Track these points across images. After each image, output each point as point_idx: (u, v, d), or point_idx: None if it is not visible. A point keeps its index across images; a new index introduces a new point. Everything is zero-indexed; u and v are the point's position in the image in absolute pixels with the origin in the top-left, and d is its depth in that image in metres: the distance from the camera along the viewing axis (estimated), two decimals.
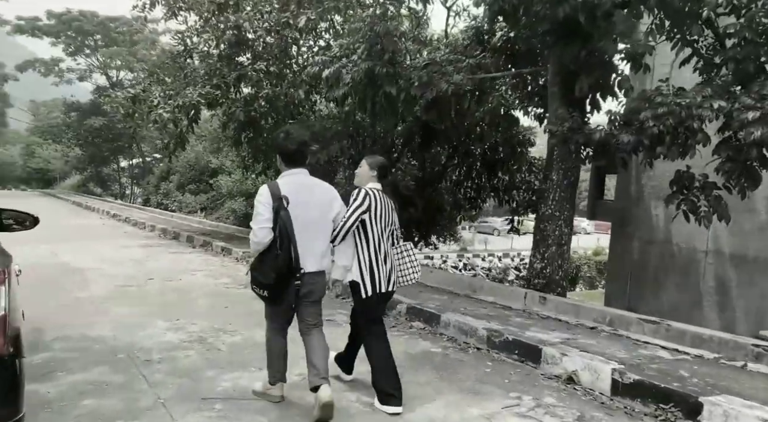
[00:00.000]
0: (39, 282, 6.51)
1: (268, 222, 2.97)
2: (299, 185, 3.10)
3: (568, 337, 4.49)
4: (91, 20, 34.21)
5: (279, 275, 2.96)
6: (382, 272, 3.24)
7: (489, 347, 4.48)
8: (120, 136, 35.78)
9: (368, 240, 3.22)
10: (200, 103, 10.11)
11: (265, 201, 3.01)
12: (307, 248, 3.03)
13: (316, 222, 3.10)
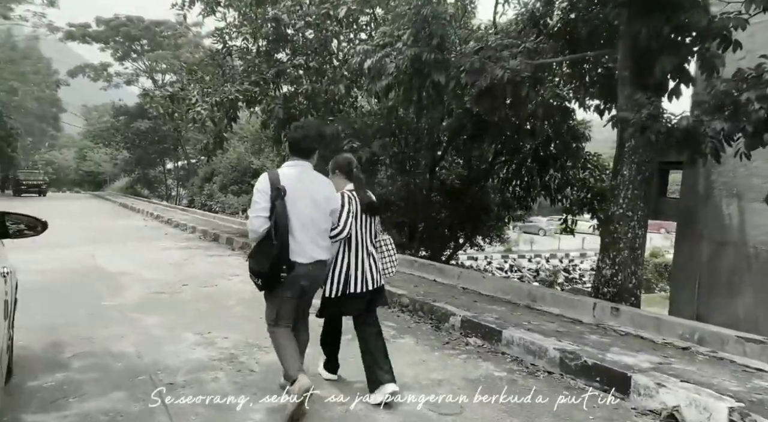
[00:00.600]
0: (71, 287, 6.23)
1: (264, 211, 2.95)
2: (299, 176, 3.08)
3: (659, 361, 3.76)
4: (138, 25, 34.93)
5: (272, 265, 2.94)
6: (359, 273, 3.28)
7: (563, 371, 3.81)
8: (165, 138, 36.45)
9: (350, 242, 3.28)
10: (238, 99, 9.77)
11: (263, 189, 3.00)
12: (304, 239, 3.03)
13: (312, 214, 3.07)
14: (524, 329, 4.49)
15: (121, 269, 7.55)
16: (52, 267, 7.49)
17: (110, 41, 35.46)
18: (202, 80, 10.62)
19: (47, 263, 7.81)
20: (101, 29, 35.17)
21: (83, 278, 6.87)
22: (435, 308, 5.22)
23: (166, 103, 10.84)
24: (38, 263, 7.76)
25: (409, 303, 5.56)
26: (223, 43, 11.13)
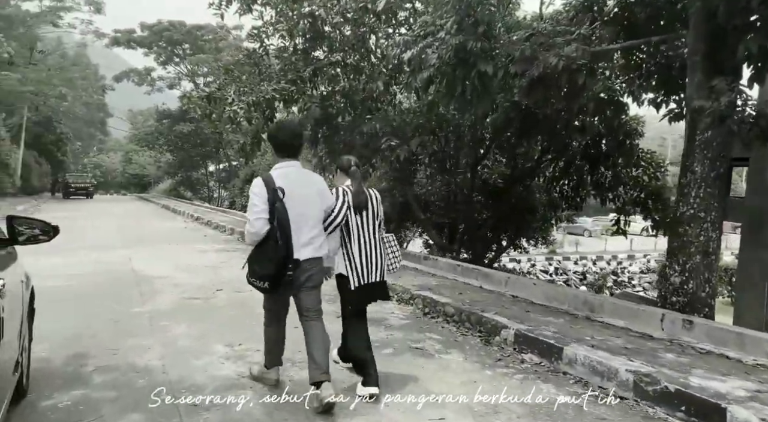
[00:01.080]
0: (103, 292, 6.05)
1: (264, 213, 3.01)
2: (292, 176, 3.16)
3: (756, 389, 3.20)
4: (180, 29, 35.58)
5: (278, 266, 3.00)
6: (365, 264, 3.40)
7: (638, 397, 3.30)
8: (207, 141, 37.02)
9: (350, 235, 3.39)
10: (275, 98, 9.52)
11: (260, 192, 3.05)
12: (302, 237, 3.10)
13: (309, 212, 3.16)
14: (587, 345, 3.98)
15: (157, 272, 7.38)
16: (87, 271, 7.39)
17: (153, 46, 36.26)
18: (239, 79, 10.43)
19: (83, 266, 7.73)
20: (145, 34, 35.99)
21: (117, 282, 6.71)
22: (484, 319, 4.75)
23: (204, 103, 10.72)
24: (74, 266, 7.69)
25: (455, 313, 5.11)
26: (260, 42, 10.93)
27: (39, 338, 4.06)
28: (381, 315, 5.32)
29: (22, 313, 2.81)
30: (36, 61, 29.76)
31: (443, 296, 5.56)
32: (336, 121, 10.54)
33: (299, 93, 10.31)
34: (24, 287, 2.94)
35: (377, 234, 3.50)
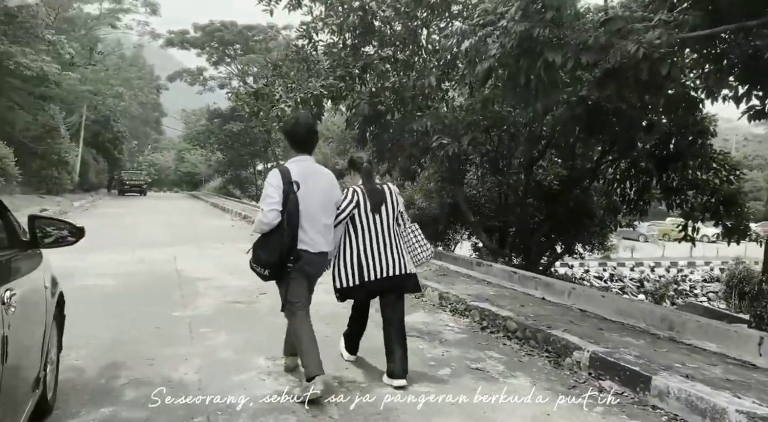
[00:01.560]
0: (145, 294, 5.86)
1: (278, 205, 3.10)
2: (307, 171, 3.27)
3: None
4: (231, 30, 36.14)
5: (281, 254, 3.12)
6: (371, 263, 3.42)
7: None
8: (256, 140, 37.52)
9: (356, 234, 3.45)
10: (323, 95, 9.21)
11: (276, 184, 3.15)
12: (313, 230, 3.20)
13: (320, 205, 3.26)
14: (680, 375, 3.41)
15: (200, 273, 7.19)
16: (131, 270, 7.27)
17: (206, 46, 36.99)
18: (287, 76, 10.20)
19: (127, 265, 7.63)
20: (198, 35, 36.76)
21: (159, 283, 6.54)
22: (552, 337, 4.23)
23: (251, 100, 10.55)
24: (118, 265, 7.60)
25: (518, 329, 4.61)
26: (308, 37, 10.67)
27: (75, 344, 3.85)
28: (435, 327, 4.88)
29: (45, 325, 2.53)
30: (95, 62, 30.84)
31: (503, 308, 5.06)
32: (385, 118, 10.15)
33: (348, 89, 9.97)
34: (49, 294, 2.67)
35: (393, 229, 3.54)
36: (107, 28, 32.80)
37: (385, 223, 3.50)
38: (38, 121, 24.57)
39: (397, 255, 3.50)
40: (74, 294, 5.76)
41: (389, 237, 3.50)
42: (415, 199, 16.13)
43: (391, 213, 3.54)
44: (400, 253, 3.52)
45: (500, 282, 6.71)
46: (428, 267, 7.63)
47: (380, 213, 3.48)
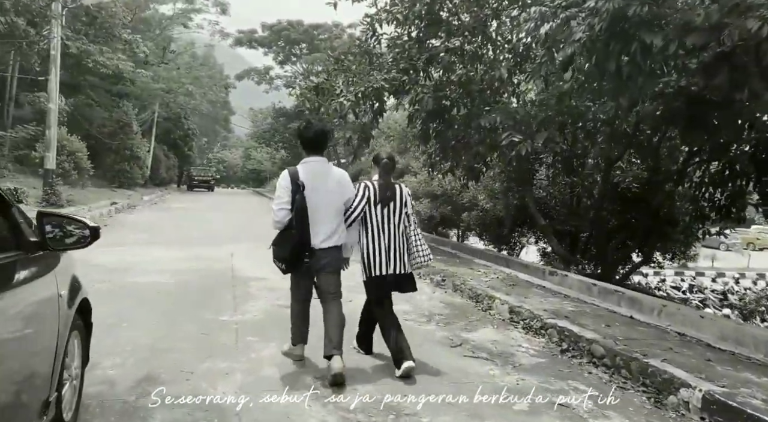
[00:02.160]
0: (195, 294, 5.59)
1: (287, 204, 3.37)
2: (315, 171, 3.46)
3: None
4: (298, 29, 36.54)
5: (293, 250, 3.37)
6: (379, 257, 3.56)
7: None
8: None
9: (367, 229, 3.60)
10: (384, 89, 8.77)
11: (285, 185, 3.41)
12: (320, 227, 3.41)
13: (328, 204, 3.45)
14: None
15: (255, 273, 6.90)
16: (185, 267, 7.10)
17: (273, 46, 37.61)
18: (348, 70, 9.83)
19: (183, 261, 7.48)
20: (265, 34, 37.43)
21: (212, 281, 6.29)
22: (650, 369, 3.54)
23: (312, 95, 10.26)
24: (175, 261, 7.46)
25: (605, 355, 3.94)
26: (371, 30, 10.25)
27: (113, 350, 3.58)
28: (506, 348, 4.28)
29: (58, 339, 2.18)
30: (168, 61, 31.98)
31: (586, 328, 4.39)
32: (450, 113, 9.57)
33: (411, 83, 9.48)
34: (65, 303, 2.32)
35: (400, 228, 3.64)
36: (180, 27, 33.93)
37: (393, 221, 3.62)
38: (113, 117, 25.63)
39: (400, 254, 3.63)
40: (125, 292, 5.66)
41: (395, 235, 3.62)
42: (478, 200, 15.41)
43: (399, 211, 3.64)
44: (402, 253, 3.65)
45: (579, 296, 5.99)
46: (495, 275, 7.01)
47: (388, 209, 3.61)
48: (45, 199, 13.70)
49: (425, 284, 6.80)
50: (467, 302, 5.86)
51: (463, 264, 8.05)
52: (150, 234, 10.91)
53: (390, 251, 3.58)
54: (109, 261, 7.27)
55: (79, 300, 2.58)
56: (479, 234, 17.03)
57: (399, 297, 5.90)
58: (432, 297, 6.01)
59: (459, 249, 10.33)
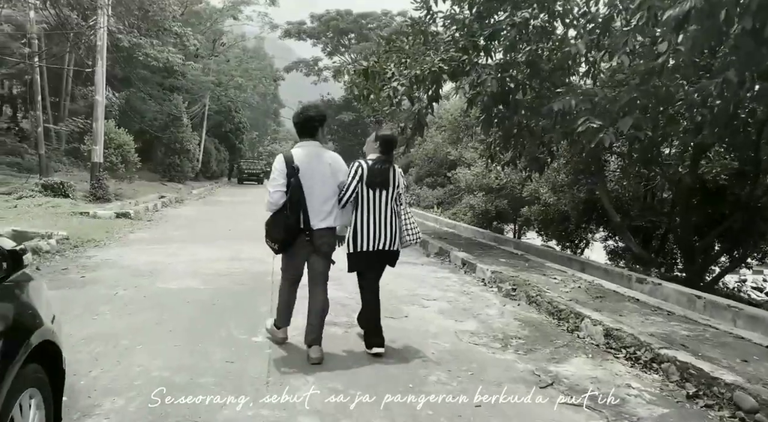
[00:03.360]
0: (227, 305, 4.86)
1: (282, 187, 3.46)
2: (309, 155, 3.56)
3: None
4: (346, 19, 35.88)
5: (287, 232, 3.48)
6: (366, 234, 3.66)
7: None
8: (367, 130, 37.12)
9: (358, 207, 3.68)
10: (442, 70, 7.81)
11: (280, 168, 3.50)
12: (314, 209, 3.53)
13: (322, 186, 3.56)
14: None
15: None
16: (222, 269, 6.42)
17: (321, 36, 37.12)
18: (401, 50, 8.91)
19: (221, 263, 6.81)
20: (314, 25, 36.97)
21: (248, 288, 5.56)
22: None
23: (361, 80, 9.42)
24: (211, 262, 6.80)
25: (759, 409, 2.89)
26: (426, 7, 9.28)
27: (118, 385, 2.90)
28: (611, 389, 3.29)
29: None
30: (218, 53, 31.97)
31: (717, 365, 3.34)
32: (515, 96, 8.50)
33: (470, 63, 8.48)
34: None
35: (390, 207, 3.71)
36: (230, 20, 33.87)
37: (383, 199, 3.68)
38: (163, 110, 25.72)
39: (389, 231, 3.71)
40: (150, 301, 4.81)
41: (385, 212, 3.69)
42: (540, 194, 14.21)
43: (391, 191, 3.71)
44: (393, 231, 3.73)
45: (684, 313, 4.89)
46: (575, 283, 5.97)
47: (380, 189, 3.66)
48: (92, 193, 13.52)
49: (492, 294, 5.85)
50: (547, 319, 4.87)
51: (532, 268, 7.04)
52: (192, 229, 10.40)
53: (378, 229, 3.67)
54: (142, 261, 6.69)
55: (35, 344, 1.82)
56: (540, 231, 15.80)
57: (464, 312, 5.02)
58: (503, 312, 5.06)
59: (524, 249, 9.26)
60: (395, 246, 3.77)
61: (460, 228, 12.49)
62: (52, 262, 6.44)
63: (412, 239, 3.85)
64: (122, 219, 10.98)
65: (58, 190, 12.53)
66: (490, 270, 6.51)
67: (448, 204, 22.40)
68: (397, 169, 3.81)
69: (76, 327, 3.93)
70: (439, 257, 8.21)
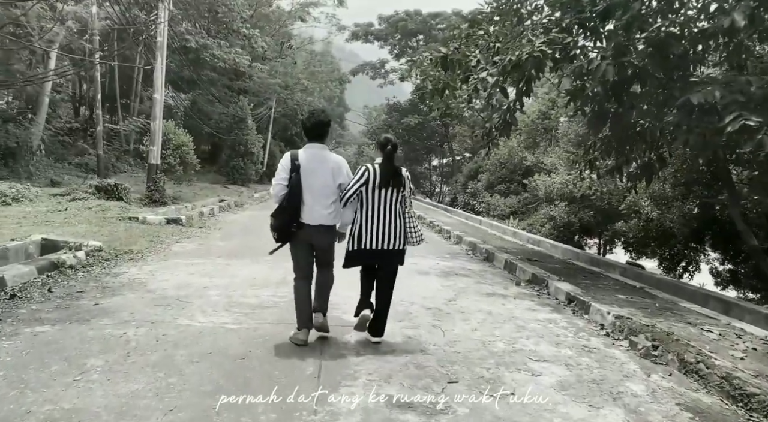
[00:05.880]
0: (258, 360, 3.54)
1: (283, 181, 3.75)
2: (314, 156, 3.81)
3: None
4: (415, 19, 34.65)
5: (283, 222, 3.76)
6: (368, 234, 3.84)
7: None
8: (433, 133, 35.71)
9: (362, 207, 3.88)
10: (545, 55, 6.23)
11: (284, 164, 3.79)
12: (312, 206, 3.77)
13: (321, 186, 3.78)
14: None
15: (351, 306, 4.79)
16: (263, 298, 5.15)
17: (389, 38, 36.07)
18: (487, 34, 7.40)
19: (261, 288, 5.56)
20: (382, 27, 35.99)
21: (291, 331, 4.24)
22: None
23: (437, 72, 8.00)
24: (251, 287, 5.58)
25: None
26: None
27: None
28: None
29: None
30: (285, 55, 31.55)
31: None
32: (632, 87, 6.78)
33: (575, 46, 6.84)
34: None
35: (395, 209, 3.89)
36: (298, 22, 33.48)
37: (389, 201, 3.86)
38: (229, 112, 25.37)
39: (392, 232, 3.87)
40: (162, 352, 3.51)
41: (390, 214, 3.87)
42: (640, 206, 12.21)
43: (396, 193, 3.88)
44: (397, 231, 3.89)
45: None
46: (744, 342, 4.24)
47: (386, 192, 3.84)
48: (147, 196, 12.87)
49: (623, 352, 4.22)
50: (728, 407, 3.23)
51: (666, 310, 5.34)
52: (242, 239, 9.34)
53: (383, 229, 3.84)
54: (173, 284, 5.56)
55: None
56: (635, 248, 13.70)
57: (596, 389, 3.47)
58: (653, 390, 3.46)
59: (635, 277, 7.48)
60: (399, 245, 3.91)
61: (546, 244, 10.76)
62: (71, 281, 5.43)
63: (415, 241, 4.04)
64: (172, 225, 10.11)
65: (112, 192, 11.92)
66: (612, 313, 4.88)
67: (522, 213, 20.52)
68: (403, 172, 3.94)
69: (36, 399, 2.74)
70: (532, 286, 6.62)
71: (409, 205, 4.01)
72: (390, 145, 3.89)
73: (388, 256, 3.89)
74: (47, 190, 13.06)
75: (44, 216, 9.54)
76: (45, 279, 5.35)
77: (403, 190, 3.90)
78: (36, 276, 5.33)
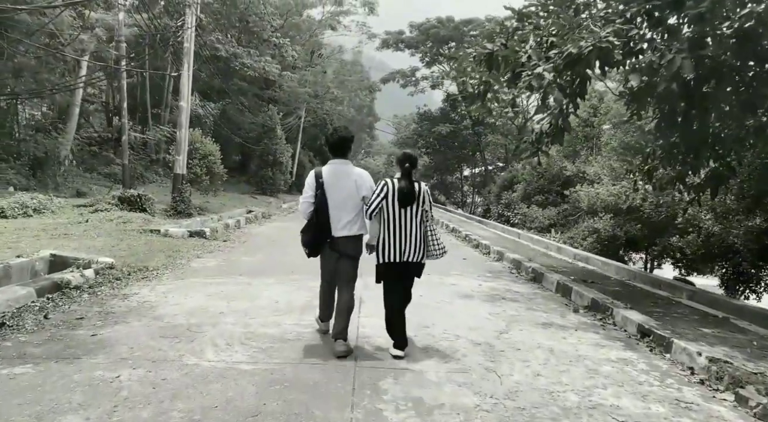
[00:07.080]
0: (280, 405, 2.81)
1: (311, 198, 3.93)
2: (337, 171, 3.95)
3: None
4: (447, 26, 33.96)
5: (313, 237, 3.96)
6: (392, 247, 3.93)
7: None
8: (465, 143, 34.83)
9: (382, 221, 3.96)
10: (613, 46, 5.40)
11: (310, 182, 3.98)
12: (338, 219, 3.94)
13: (345, 200, 3.94)
14: None
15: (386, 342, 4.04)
16: (286, 327, 4.44)
17: (420, 46, 35.46)
18: (538, 28, 6.60)
19: (284, 315, 4.85)
20: (413, 35, 35.41)
21: (315, 374, 3.52)
22: None
23: (481, 71, 7.25)
24: (272, 313, 4.87)
25: None
26: None
27: None
28: None
29: None
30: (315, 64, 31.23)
31: None
32: (711, 84, 5.88)
33: (642, 39, 6.00)
34: None
35: (416, 223, 3.96)
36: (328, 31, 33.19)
37: (408, 215, 3.94)
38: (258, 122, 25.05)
39: (414, 245, 3.95)
40: (154, 407, 2.71)
41: (409, 227, 3.94)
42: (700, 220, 11.15)
43: (417, 207, 3.96)
44: (417, 244, 3.96)
45: None
46: None
47: (405, 205, 3.92)
48: (172, 206, 12.42)
49: (727, 409, 3.35)
50: None
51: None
52: (268, 254, 8.71)
53: (403, 243, 3.92)
54: (186, 309, 4.92)
55: None
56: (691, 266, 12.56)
57: None
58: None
59: (713, 304, 6.49)
60: (420, 258, 3.99)
61: (596, 262, 9.81)
62: (72, 305, 4.84)
63: (437, 254, 4.09)
64: (195, 238, 9.57)
65: (135, 203, 11.48)
66: (704, 354, 4.00)
67: (561, 225, 19.45)
68: (422, 187, 4.01)
69: None
70: (593, 314, 5.74)
71: (430, 219, 4.07)
72: (408, 161, 3.97)
73: (407, 269, 3.99)
74: (72, 200, 12.75)
75: (64, 228, 9.11)
76: (44, 302, 4.77)
77: (423, 204, 4.00)
78: (34, 300, 4.75)
